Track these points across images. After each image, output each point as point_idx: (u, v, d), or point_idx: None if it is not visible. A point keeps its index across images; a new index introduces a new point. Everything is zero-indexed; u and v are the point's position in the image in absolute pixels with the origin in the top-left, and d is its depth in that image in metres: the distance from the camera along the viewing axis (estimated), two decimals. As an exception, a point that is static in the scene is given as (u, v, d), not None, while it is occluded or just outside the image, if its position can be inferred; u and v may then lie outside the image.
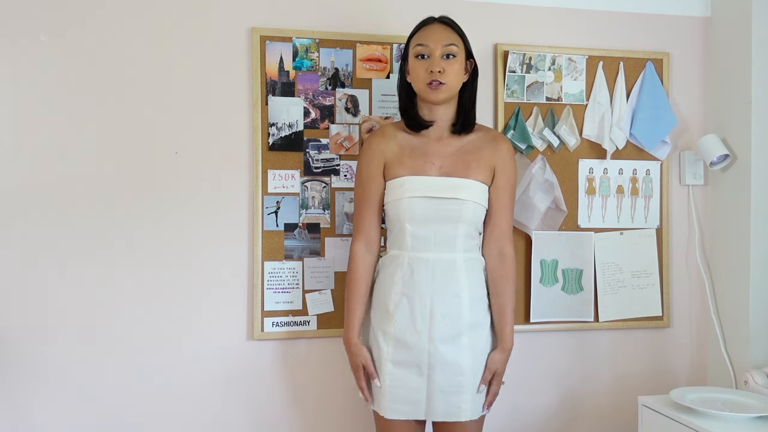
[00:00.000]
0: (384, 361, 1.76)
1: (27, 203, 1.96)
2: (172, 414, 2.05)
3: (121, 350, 2.02)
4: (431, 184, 1.76)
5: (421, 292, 1.74)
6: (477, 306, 1.79)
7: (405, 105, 1.84)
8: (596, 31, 2.31)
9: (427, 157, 1.79)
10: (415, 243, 1.76)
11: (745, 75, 2.22)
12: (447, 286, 1.75)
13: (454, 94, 1.79)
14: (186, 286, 2.05)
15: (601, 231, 2.31)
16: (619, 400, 2.35)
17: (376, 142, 1.84)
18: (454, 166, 1.78)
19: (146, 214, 2.02)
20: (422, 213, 1.75)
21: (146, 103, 2.02)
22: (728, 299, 2.31)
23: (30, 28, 1.95)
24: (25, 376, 1.96)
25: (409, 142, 1.82)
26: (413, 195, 1.75)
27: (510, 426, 2.28)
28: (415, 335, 1.73)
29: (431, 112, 1.81)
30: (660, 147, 2.32)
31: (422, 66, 1.74)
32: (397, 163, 1.79)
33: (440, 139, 1.81)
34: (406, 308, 1.74)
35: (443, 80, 1.72)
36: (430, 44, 1.74)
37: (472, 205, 1.76)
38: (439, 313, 1.73)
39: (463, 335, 1.75)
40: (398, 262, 1.78)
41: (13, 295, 1.95)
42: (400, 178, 1.77)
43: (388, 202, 1.80)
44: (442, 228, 1.75)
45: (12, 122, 1.95)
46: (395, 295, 1.76)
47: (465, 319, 1.75)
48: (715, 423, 1.83)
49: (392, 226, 1.82)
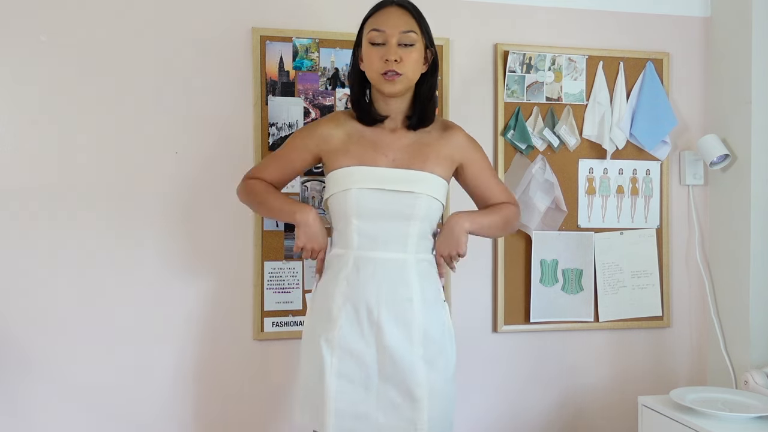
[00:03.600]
0: (327, 375, 1.55)
1: (26, 203, 1.95)
2: (172, 414, 2.05)
3: (121, 350, 2.01)
4: (382, 176, 1.59)
5: (367, 295, 1.56)
6: (431, 314, 1.61)
7: (357, 96, 1.68)
8: (596, 31, 2.31)
9: (379, 147, 1.63)
10: (362, 241, 1.59)
11: (745, 75, 2.22)
12: (396, 289, 1.58)
13: (411, 85, 1.64)
14: (186, 285, 2.05)
15: (601, 231, 2.31)
16: (619, 400, 2.35)
17: (324, 125, 1.69)
18: (409, 159, 1.62)
19: (146, 214, 2.02)
20: (371, 207, 1.58)
21: (146, 102, 2.02)
22: (728, 299, 2.31)
23: (30, 28, 1.95)
24: (25, 376, 1.96)
25: (359, 131, 1.66)
26: (362, 186, 1.58)
27: (510, 426, 2.28)
28: (362, 342, 1.56)
29: (387, 105, 1.65)
30: (660, 147, 2.32)
31: (377, 54, 1.58)
32: (342, 151, 1.63)
33: (394, 131, 1.67)
34: (351, 313, 1.57)
35: (400, 70, 1.56)
36: (386, 30, 1.57)
37: (427, 199, 1.60)
38: (387, 319, 1.56)
39: (416, 345, 1.57)
40: (342, 262, 1.61)
41: (12, 295, 1.95)
42: (346, 168, 1.60)
43: (331, 195, 1.62)
44: (392, 225, 1.59)
45: (12, 122, 1.95)
46: (339, 297, 1.58)
47: (418, 327, 1.58)
48: (715, 423, 1.83)
49: (336, 221, 1.64)
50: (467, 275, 2.19)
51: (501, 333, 2.26)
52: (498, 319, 2.24)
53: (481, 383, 2.25)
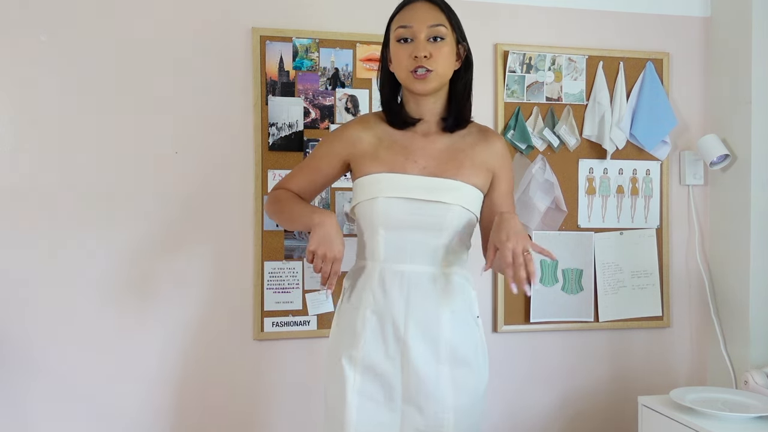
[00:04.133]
0: (350, 393, 1.47)
1: (26, 203, 1.95)
2: (171, 414, 2.05)
3: (121, 350, 2.01)
4: (412, 184, 1.49)
5: (394, 310, 1.48)
6: (461, 332, 1.52)
7: (388, 98, 1.58)
8: (596, 31, 2.31)
9: (409, 153, 1.53)
10: (390, 252, 1.50)
11: (745, 75, 2.22)
12: (425, 304, 1.49)
13: (444, 83, 1.53)
14: (186, 285, 2.05)
15: (601, 231, 2.31)
16: (619, 400, 2.35)
17: (352, 127, 1.59)
18: (441, 166, 1.52)
19: (146, 214, 2.02)
20: (399, 217, 1.48)
21: (146, 102, 2.02)
22: (728, 299, 2.31)
23: (30, 28, 1.95)
24: (25, 376, 1.96)
25: (390, 135, 1.55)
26: (390, 195, 1.48)
27: (510, 426, 2.28)
28: (387, 361, 1.48)
29: (419, 106, 1.55)
30: (660, 147, 2.32)
31: (405, 51, 1.48)
32: (372, 157, 1.53)
33: (427, 135, 1.56)
34: (377, 329, 1.48)
35: (430, 67, 1.46)
36: (413, 25, 1.48)
37: (459, 210, 1.50)
38: (415, 336, 1.47)
39: (443, 364, 1.49)
40: (368, 275, 1.52)
41: (12, 296, 1.95)
42: (374, 174, 1.51)
43: (358, 203, 1.53)
44: (422, 236, 1.49)
45: (12, 122, 1.95)
46: (364, 312, 1.50)
47: (445, 344, 1.49)
48: (715, 423, 1.83)
49: (362, 231, 1.55)
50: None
51: (501, 333, 2.26)
52: (498, 319, 2.24)
53: (481, 383, 2.25)
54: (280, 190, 1.64)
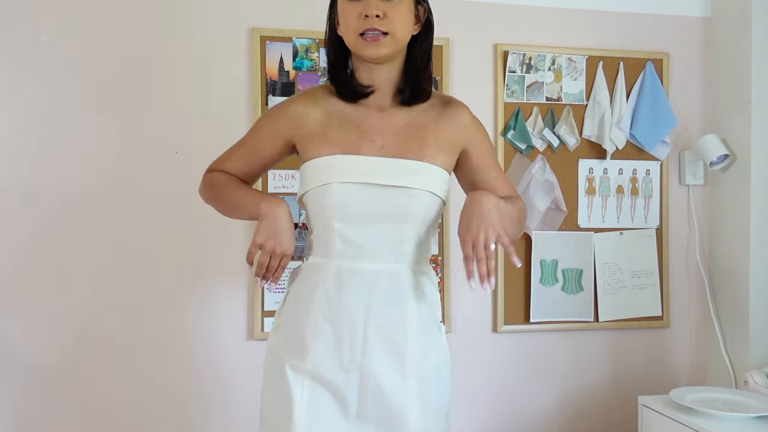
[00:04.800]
0: (296, 412, 1.24)
1: (26, 203, 1.95)
2: (171, 414, 2.05)
3: (121, 351, 2.01)
4: (369, 167, 1.28)
5: (351, 315, 1.27)
6: (428, 341, 1.32)
7: (335, 66, 1.36)
8: (596, 31, 2.31)
9: (364, 131, 1.32)
10: (347, 248, 1.29)
11: (745, 75, 2.22)
12: (388, 310, 1.28)
13: (399, 49, 1.32)
14: (186, 286, 2.05)
15: (601, 231, 2.31)
16: (619, 400, 2.35)
17: (296, 103, 1.37)
18: (402, 146, 1.31)
19: (146, 214, 2.02)
20: (357, 206, 1.28)
21: (146, 103, 2.02)
22: (728, 299, 2.31)
23: (30, 28, 1.95)
24: (26, 377, 1.96)
25: (341, 111, 1.35)
26: (345, 180, 1.27)
27: (510, 426, 2.28)
28: (342, 374, 1.26)
29: (371, 75, 1.34)
30: (660, 147, 2.32)
31: (354, 9, 1.27)
32: (320, 137, 1.32)
33: (382, 109, 1.35)
34: (330, 337, 1.27)
35: (384, 29, 1.26)
36: None
37: (427, 197, 1.30)
38: (376, 346, 1.27)
39: (410, 379, 1.28)
40: (321, 274, 1.31)
41: (13, 296, 1.95)
42: (324, 157, 1.30)
43: (308, 191, 1.32)
44: (383, 229, 1.29)
45: (12, 122, 1.95)
46: (315, 318, 1.28)
47: (412, 357, 1.29)
48: (715, 423, 1.83)
49: (314, 223, 1.35)
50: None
51: (501, 333, 2.26)
52: (498, 319, 2.24)
53: (481, 383, 2.25)
54: (216, 172, 1.44)
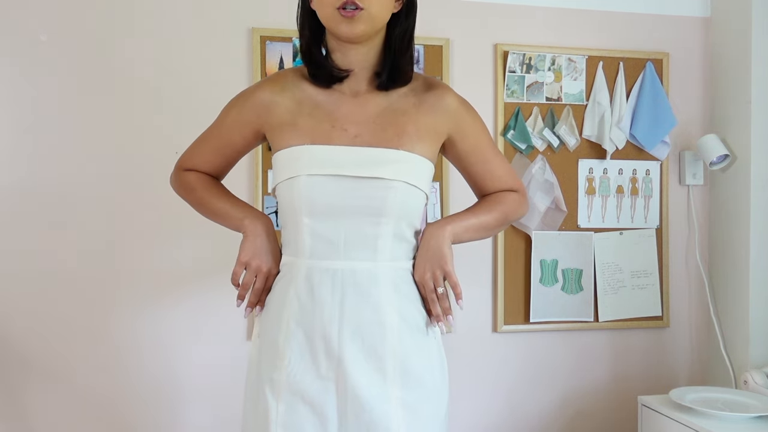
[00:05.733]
0: (272, 427, 1.17)
1: (27, 203, 1.95)
2: (172, 414, 2.05)
3: (121, 351, 2.01)
4: (341, 157, 1.19)
5: (324, 319, 1.18)
6: (414, 343, 1.22)
7: (309, 44, 1.25)
8: (596, 31, 2.31)
9: (336, 120, 1.22)
10: (317, 246, 1.20)
11: (745, 75, 2.22)
12: (363, 310, 1.18)
13: (378, 28, 1.21)
14: (186, 286, 2.05)
15: (601, 231, 2.31)
16: (619, 400, 2.35)
17: (263, 89, 1.28)
18: (378, 134, 1.22)
19: (146, 214, 2.02)
20: (327, 200, 1.19)
21: (146, 103, 2.02)
22: (728, 299, 2.31)
23: (30, 28, 1.95)
24: (26, 376, 1.96)
25: (312, 97, 1.25)
26: (313, 172, 1.18)
27: (510, 426, 2.28)
28: (317, 384, 1.17)
29: (346, 56, 1.23)
30: (660, 147, 2.32)
31: None
32: (288, 125, 1.23)
33: (357, 95, 1.25)
34: (303, 344, 1.18)
35: (361, 4, 1.15)
36: None
37: (404, 188, 1.19)
38: (352, 351, 1.17)
39: (391, 384, 1.18)
40: (292, 275, 1.22)
41: (13, 296, 1.95)
42: (293, 147, 1.21)
43: (277, 184, 1.24)
44: (356, 224, 1.19)
45: (12, 122, 1.95)
46: (287, 323, 1.20)
47: (393, 359, 1.19)
48: (715, 423, 1.83)
49: (284, 219, 1.26)
50: (467, 275, 2.19)
51: (501, 333, 2.26)
52: (498, 319, 2.24)
53: (481, 383, 2.25)
54: (189, 172, 1.37)
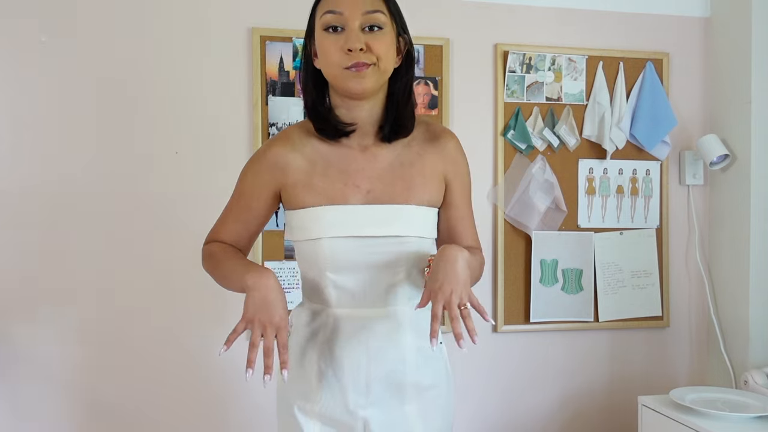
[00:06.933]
0: None
1: (27, 203, 1.95)
2: (172, 413, 2.06)
3: (122, 350, 2.02)
4: (358, 218, 1.25)
5: (353, 361, 1.28)
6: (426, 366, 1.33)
7: (313, 101, 1.29)
8: (596, 31, 2.31)
9: (349, 177, 1.26)
10: (341, 297, 1.28)
11: (745, 75, 2.22)
12: (387, 351, 1.29)
13: (383, 81, 1.25)
14: (186, 285, 2.05)
15: (601, 231, 2.31)
16: (619, 400, 2.35)
17: (276, 151, 1.29)
18: (388, 189, 1.26)
19: (146, 214, 2.02)
20: (348, 258, 1.25)
21: (146, 103, 2.02)
22: (728, 299, 2.31)
23: (30, 28, 1.95)
24: (25, 376, 1.96)
25: (323, 155, 1.28)
26: (334, 234, 1.24)
27: (510, 426, 2.28)
28: (347, 415, 1.29)
29: (351, 111, 1.27)
30: (660, 147, 2.32)
31: (335, 43, 1.20)
32: (305, 186, 1.26)
33: (365, 149, 1.28)
34: (334, 384, 1.29)
35: (369, 60, 1.19)
36: (344, 11, 1.20)
37: (415, 241, 1.27)
38: (378, 385, 1.29)
39: (407, 403, 1.31)
40: (320, 321, 1.31)
41: (13, 296, 1.95)
42: (311, 209, 1.26)
43: (297, 241, 1.30)
44: (376, 275, 1.27)
45: (12, 122, 1.95)
46: (319, 365, 1.30)
47: (410, 386, 1.31)
48: (715, 423, 1.83)
49: (306, 269, 1.32)
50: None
51: (501, 333, 2.26)
52: (498, 319, 2.24)
53: (481, 383, 2.25)
54: (213, 243, 1.41)
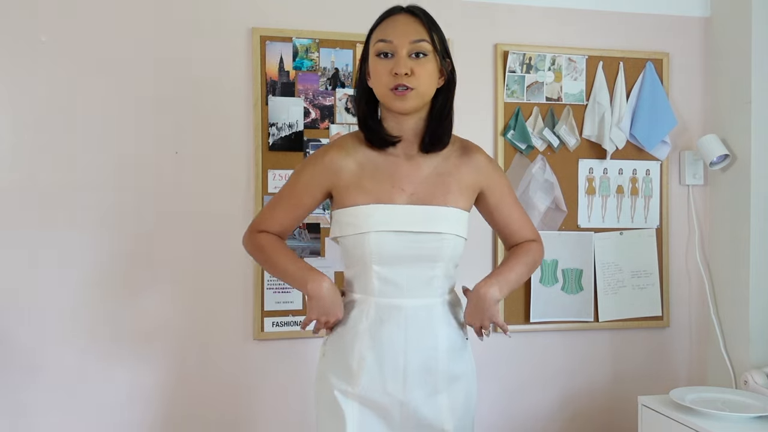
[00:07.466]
0: (348, 427, 1.43)
1: (27, 203, 1.95)
2: (171, 414, 2.05)
3: (122, 350, 2.01)
4: (402, 216, 1.44)
5: (393, 347, 1.44)
6: (456, 358, 1.51)
7: (365, 115, 1.49)
8: (596, 31, 2.31)
9: (395, 181, 1.46)
10: (384, 287, 1.45)
11: (745, 75, 2.22)
12: (423, 339, 1.46)
13: (425, 101, 1.46)
14: (186, 285, 2.05)
15: (601, 231, 2.31)
16: (619, 400, 2.35)
17: (332, 155, 1.49)
18: (429, 193, 1.47)
19: (145, 214, 2.02)
20: (393, 251, 1.43)
21: (146, 102, 2.02)
22: (728, 299, 2.31)
23: (30, 28, 1.95)
24: (25, 376, 1.96)
25: (372, 160, 1.48)
26: (381, 229, 1.42)
27: (510, 426, 2.28)
28: (386, 396, 1.45)
29: (398, 124, 1.47)
30: (660, 147, 2.32)
31: (385, 67, 1.41)
32: (356, 186, 1.46)
33: (410, 158, 1.49)
34: (374, 368, 1.45)
35: (411, 85, 1.40)
36: (394, 40, 1.40)
37: (453, 239, 1.47)
38: (414, 370, 1.45)
39: (439, 393, 1.48)
40: (362, 310, 1.47)
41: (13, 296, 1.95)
42: (360, 207, 1.44)
43: (345, 236, 1.47)
44: (417, 269, 1.46)
45: (12, 122, 1.95)
46: (359, 350, 1.45)
47: (441, 373, 1.48)
48: (715, 423, 1.83)
49: (352, 263, 1.50)
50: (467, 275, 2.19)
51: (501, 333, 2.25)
52: (498, 319, 2.24)
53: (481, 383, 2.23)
54: (263, 234, 1.56)
